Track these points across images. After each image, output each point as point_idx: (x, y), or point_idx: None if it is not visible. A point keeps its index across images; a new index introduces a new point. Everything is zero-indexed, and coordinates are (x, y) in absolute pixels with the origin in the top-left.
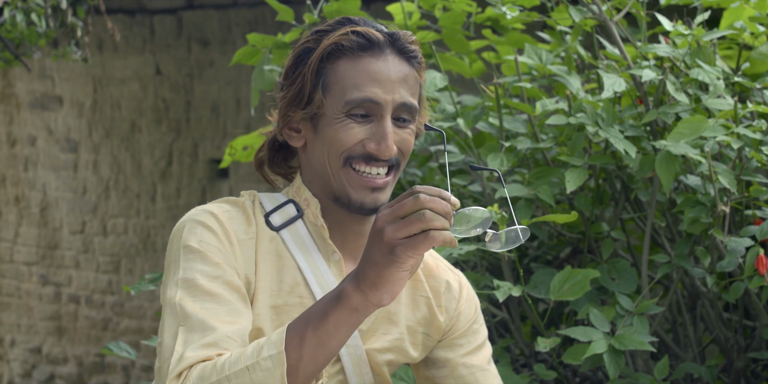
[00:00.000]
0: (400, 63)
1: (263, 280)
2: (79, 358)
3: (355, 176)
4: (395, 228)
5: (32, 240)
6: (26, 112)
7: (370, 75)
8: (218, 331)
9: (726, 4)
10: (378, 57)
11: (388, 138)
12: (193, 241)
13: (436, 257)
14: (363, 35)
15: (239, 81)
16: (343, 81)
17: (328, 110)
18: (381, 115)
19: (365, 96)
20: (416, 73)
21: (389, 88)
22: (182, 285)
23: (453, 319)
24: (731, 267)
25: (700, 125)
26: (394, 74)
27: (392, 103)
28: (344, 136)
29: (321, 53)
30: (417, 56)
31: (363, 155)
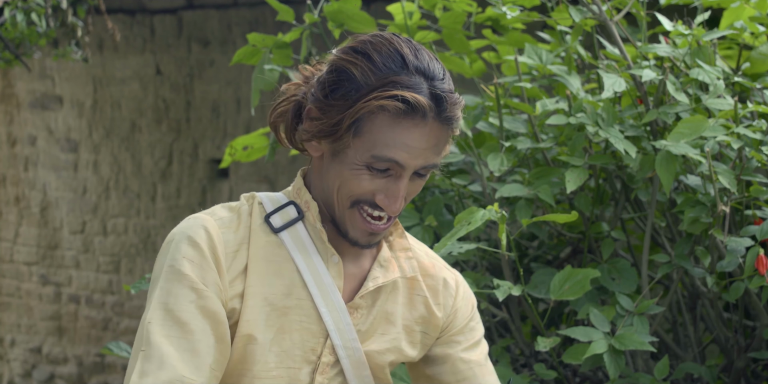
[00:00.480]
0: (438, 129)
1: (255, 286)
2: (79, 358)
3: (359, 219)
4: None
5: (32, 240)
6: (26, 112)
7: (404, 139)
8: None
9: (726, 4)
10: (417, 124)
11: (399, 199)
12: (180, 260)
13: (432, 256)
14: (410, 103)
15: (239, 81)
16: (376, 135)
17: (351, 152)
18: (400, 174)
19: (391, 157)
20: (450, 133)
21: (418, 154)
22: (156, 306)
23: (450, 316)
24: (731, 267)
25: (700, 125)
26: (428, 142)
27: (415, 167)
28: (357, 184)
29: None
30: (458, 122)
31: (371, 203)
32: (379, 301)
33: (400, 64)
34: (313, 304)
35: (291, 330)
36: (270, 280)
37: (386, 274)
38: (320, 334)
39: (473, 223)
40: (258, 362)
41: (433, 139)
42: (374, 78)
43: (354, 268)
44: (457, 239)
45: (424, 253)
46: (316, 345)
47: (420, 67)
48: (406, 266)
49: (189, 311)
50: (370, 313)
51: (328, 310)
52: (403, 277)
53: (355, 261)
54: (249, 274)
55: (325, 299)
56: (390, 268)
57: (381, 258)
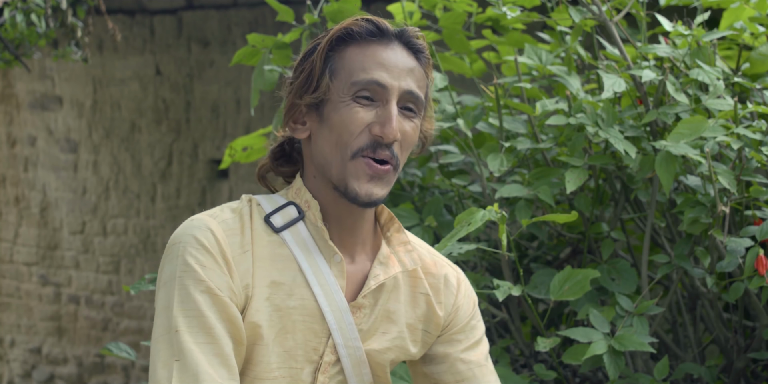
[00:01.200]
0: (408, 56)
1: (260, 287)
2: (78, 358)
3: (362, 165)
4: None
5: (32, 240)
6: (26, 112)
7: (377, 60)
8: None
9: (726, 4)
10: (386, 45)
11: (393, 120)
12: (192, 264)
13: (434, 254)
14: (372, 22)
15: (239, 81)
16: (350, 65)
17: (334, 95)
18: (386, 99)
19: (371, 77)
20: (423, 69)
21: (396, 74)
22: (181, 313)
23: (451, 315)
24: (731, 267)
25: (700, 126)
26: (402, 63)
27: (398, 89)
28: (350, 121)
29: (330, 38)
30: (424, 51)
31: (370, 144)
32: (381, 299)
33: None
34: (317, 304)
35: (294, 330)
36: (273, 280)
37: (387, 271)
38: (323, 334)
39: (473, 223)
40: (260, 363)
41: (407, 63)
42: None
43: (354, 268)
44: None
45: (426, 251)
46: (318, 344)
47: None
48: (406, 260)
49: (210, 316)
50: (373, 312)
51: (331, 309)
52: (404, 272)
53: (354, 261)
54: (255, 276)
55: (328, 299)
56: (390, 264)
57: (380, 255)
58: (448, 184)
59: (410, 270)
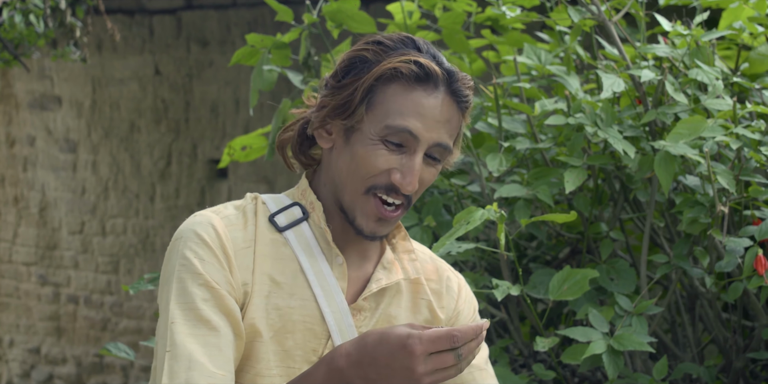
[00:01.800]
0: (450, 104)
1: (260, 284)
2: (77, 358)
3: (373, 204)
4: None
5: (31, 240)
6: (25, 112)
7: (417, 108)
8: (204, 366)
9: (725, 4)
10: (430, 93)
11: (415, 173)
12: (192, 258)
13: (436, 259)
14: (423, 67)
15: (238, 81)
16: (390, 104)
17: (365, 127)
18: (415, 149)
19: (405, 126)
20: (461, 117)
21: (431, 125)
22: (176, 306)
23: (452, 319)
24: (730, 267)
25: (699, 125)
26: (440, 114)
27: (429, 141)
28: (373, 161)
29: (378, 74)
30: (469, 101)
31: (386, 186)
32: (382, 304)
33: (412, 46)
34: (317, 305)
35: (294, 330)
36: (274, 279)
37: (389, 276)
38: (322, 335)
39: (472, 222)
40: (261, 360)
41: (445, 113)
42: (386, 55)
43: (357, 271)
44: (456, 239)
45: (428, 257)
46: (317, 346)
47: (430, 50)
48: (409, 268)
49: (207, 309)
50: (373, 315)
51: (331, 311)
52: (406, 279)
53: (358, 264)
54: (255, 272)
55: (329, 300)
56: (393, 270)
57: (384, 260)
58: (447, 184)
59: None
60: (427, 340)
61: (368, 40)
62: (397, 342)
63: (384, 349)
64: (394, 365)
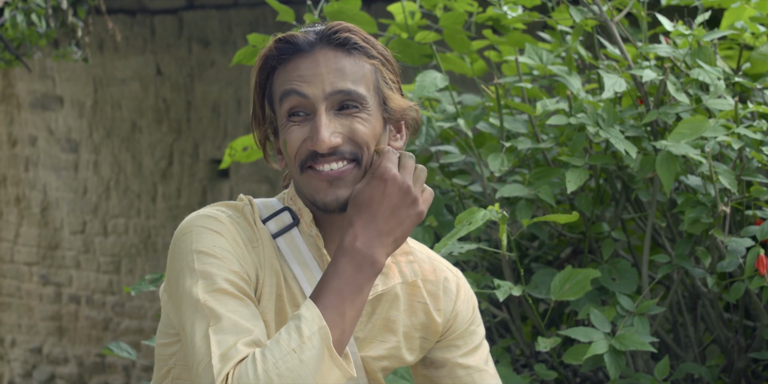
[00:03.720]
0: (334, 55)
1: (269, 285)
2: (79, 358)
3: (312, 177)
4: (418, 188)
5: (33, 240)
6: (27, 112)
7: (295, 71)
8: (252, 332)
9: (727, 4)
10: (305, 56)
11: (320, 131)
12: (206, 246)
13: (434, 259)
14: (284, 40)
15: (240, 81)
16: (276, 86)
17: (278, 120)
18: (314, 109)
19: (290, 88)
20: (359, 60)
21: (316, 81)
22: (204, 289)
23: (450, 321)
24: (732, 267)
25: (700, 125)
26: (322, 66)
27: (323, 94)
28: (288, 141)
29: (257, 71)
30: (350, 42)
31: (309, 156)
32: (379, 308)
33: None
34: None
35: None
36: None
37: (386, 281)
38: None
39: (474, 223)
40: None
41: (330, 63)
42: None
43: None
44: (458, 239)
45: (426, 257)
46: None
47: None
48: (406, 270)
49: (233, 289)
50: (370, 320)
51: None
52: (403, 283)
53: None
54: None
55: None
56: (390, 274)
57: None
58: (448, 184)
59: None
60: (388, 161)
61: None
62: (378, 183)
63: (375, 197)
64: (393, 200)
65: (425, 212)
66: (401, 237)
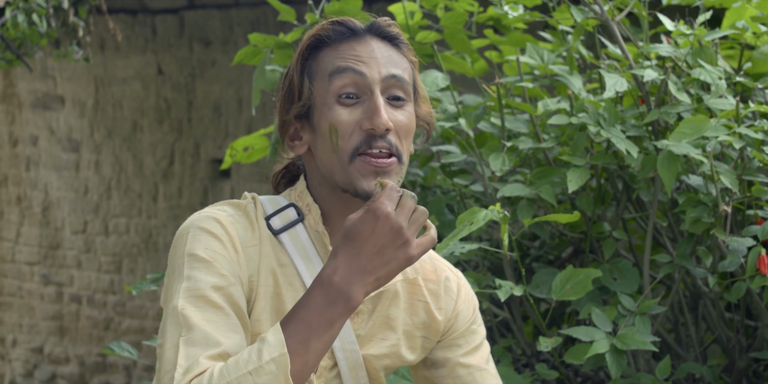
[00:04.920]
0: (384, 45)
1: (264, 285)
2: (80, 357)
3: (361, 163)
4: (413, 231)
5: (34, 240)
6: (28, 111)
7: (351, 52)
8: (222, 345)
9: (728, 3)
10: (359, 41)
11: (380, 109)
12: (199, 249)
13: (434, 258)
14: (340, 23)
15: (241, 81)
16: (326, 63)
17: (317, 99)
18: (370, 90)
19: (347, 65)
20: (403, 55)
21: (373, 64)
22: (185, 294)
23: (451, 320)
24: (733, 267)
25: (701, 125)
26: (378, 52)
27: (379, 76)
28: (340, 122)
29: (303, 48)
30: (399, 38)
31: (364, 140)
32: (379, 306)
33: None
34: None
35: None
36: (276, 280)
37: None
38: None
39: (475, 223)
40: None
41: (383, 52)
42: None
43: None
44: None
45: (427, 256)
46: None
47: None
48: (407, 268)
49: (218, 296)
50: (371, 317)
51: None
52: (404, 280)
53: None
54: (260, 273)
55: None
56: None
57: None
58: (449, 183)
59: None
60: (385, 198)
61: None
62: (369, 218)
63: (364, 233)
64: (381, 240)
65: (417, 258)
66: (384, 278)
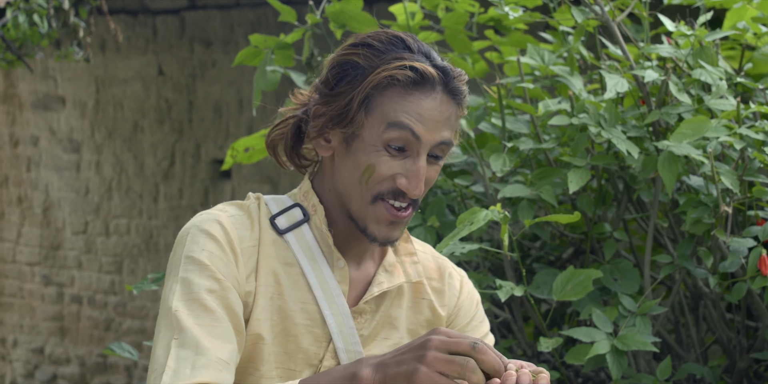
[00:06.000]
0: (448, 102)
1: (264, 285)
2: (81, 358)
3: (383, 210)
4: (439, 359)
5: (35, 240)
6: (29, 112)
7: (416, 109)
8: (211, 352)
9: (729, 4)
10: (428, 95)
11: (421, 177)
12: (196, 252)
13: (437, 257)
14: (419, 72)
15: (242, 81)
16: (389, 108)
17: (366, 133)
18: (418, 152)
19: (406, 124)
20: (460, 112)
21: (432, 127)
22: (180, 296)
23: (453, 315)
24: (734, 267)
25: (702, 126)
26: (440, 114)
27: (431, 141)
28: (379, 170)
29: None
30: (464, 94)
31: (392, 191)
32: (383, 306)
33: (402, 46)
34: (318, 308)
35: (296, 333)
36: (277, 280)
37: (391, 280)
38: (323, 338)
39: (476, 223)
40: (265, 362)
41: (445, 112)
42: (378, 60)
43: (359, 274)
44: (460, 239)
45: (430, 255)
46: (318, 349)
47: (421, 48)
48: (411, 271)
49: (212, 300)
50: (374, 317)
51: (332, 313)
52: (408, 282)
53: (359, 266)
54: (260, 273)
55: (330, 303)
56: (395, 273)
57: (386, 263)
58: (450, 184)
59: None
60: (446, 332)
61: (356, 42)
62: (419, 337)
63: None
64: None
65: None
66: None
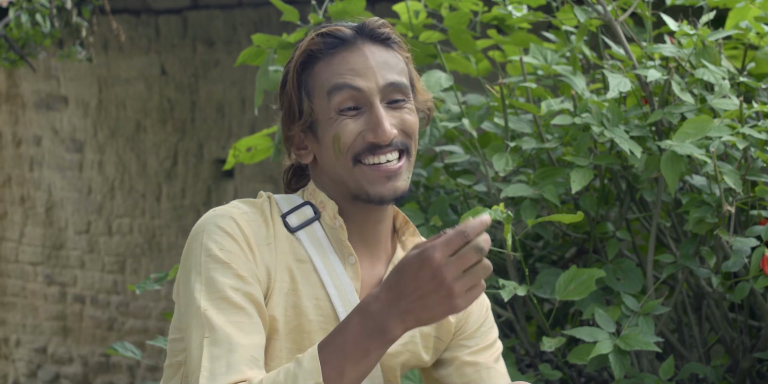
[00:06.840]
0: (377, 49)
1: (280, 281)
2: (84, 358)
3: (368, 170)
4: (463, 283)
5: (37, 240)
6: (31, 112)
7: (345, 67)
8: (245, 348)
9: (731, 4)
10: (351, 50)
11: (383, 122)
12: (216, 250)
13: None
14: (329, 35)
15: (244, 81)
16: (322, 78)
17: (319, 115)
18: (370, 103)
19: (344, 83)
20: (397, 54)
21: (369, 74)
22: (207, 296)
23: (462, 320)
24: (737, 267)
25: (705, 125)
26: (371, 60)
27: (377, 87)
28: (344, 134)
29: (296, 65)
30: (390, 37)
31: (367, 148)
32: None
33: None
34: (331, 305)
35: (310, 329)
36: (292, 277)
37: None
38: None
39: None
40: (276, 357)
41: (377, 58)
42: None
43: (369, 270)
44: None
45: None
46: None
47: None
48: None
49: (237, 297)
50: None
51: (345, 310)
52: None
53: (370, 263)
54: (277, 269)
55: (342, 300)
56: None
57: (395, 259)
58: (453, 183)
59: None
60: (441, 243)
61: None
62: (415, 260)
63: (407, 274)
64: (424, 286)
65: (462, 308)
66: (427, 320)
